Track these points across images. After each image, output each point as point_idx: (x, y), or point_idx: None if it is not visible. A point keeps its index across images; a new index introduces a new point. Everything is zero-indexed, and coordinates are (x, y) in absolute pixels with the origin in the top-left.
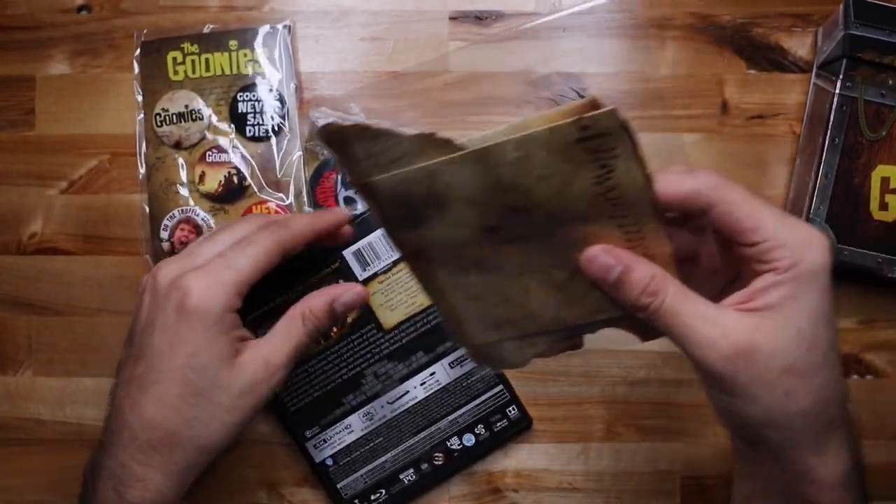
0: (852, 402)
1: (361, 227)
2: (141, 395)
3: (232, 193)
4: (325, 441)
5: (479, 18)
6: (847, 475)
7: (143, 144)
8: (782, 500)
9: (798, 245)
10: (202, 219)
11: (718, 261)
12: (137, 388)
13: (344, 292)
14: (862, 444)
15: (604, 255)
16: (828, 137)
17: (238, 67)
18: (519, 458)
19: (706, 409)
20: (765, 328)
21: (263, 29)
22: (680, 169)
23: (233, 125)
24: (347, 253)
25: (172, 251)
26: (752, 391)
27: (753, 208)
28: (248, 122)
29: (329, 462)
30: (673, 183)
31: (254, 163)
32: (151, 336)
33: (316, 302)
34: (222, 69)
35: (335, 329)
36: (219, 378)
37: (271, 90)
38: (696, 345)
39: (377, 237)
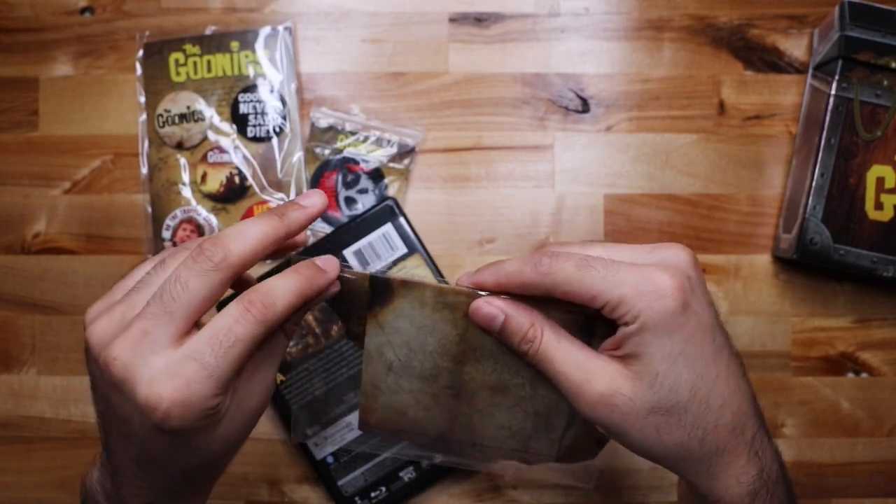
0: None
1: (362, 226)
2: (139, 469)
3: (233, 193)
4: (325, 439)
5: (479, 20)
6: (752, 496)
7: (146, 145)
8: None
9: (633, 299)
10: (204, 218)
11: None
12: (141, 484)
13: (311, 285)
14: (776, 468)
15: (486, 306)
16: (823, 138)
17: (239, 69)
18: None
19: None
20: (627, 374)
21: (264, 31)
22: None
23: (234, 126)
24: (348, 252)
25: None
26: (621, 430)
27: (584, 279)
28: (250, 123)
29: (330, 459)
30: (507, 278)
31: (255, 163)
32: (120, 441)
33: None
34: (224, 70)
35: (336, 327)
36: (211, 453)
37: (272, 91)
38: (568, 390)
39: (377, 237)
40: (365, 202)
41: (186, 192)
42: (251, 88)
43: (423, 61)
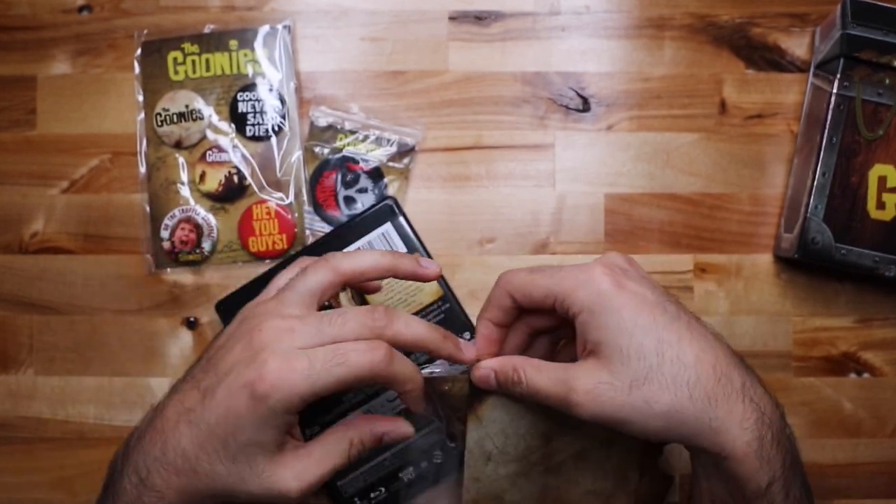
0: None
1: (361, 226)
2: (186, 427)
3: (232, 193)
4: None
5: (479, 18)
6: (759, 441)
7: (144, 144)
8: (722, 489)
9: (574, 291)
10: (202, 218)
11: None
12: (186, 419)
13: (394, 429)
14: (778, 417)
15: (479, 371)
16: (825, 137)
17: (238, 67)
18: None
19: None
20: (599, 363)
21: (263, 29)
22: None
23: (233, 125)
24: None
25: (173, 250)
26: (620, 417)
27: (535, 279)
28: (249, 122)
29: None
30: (486, 314)
31: (254, 162)
32: (217, 385)
33: (368, 433)
34: (223, 69)
35: None
36: (255, 463)
37: (271, 90)
38: (561, 405)
39: (377, 236)
40: (364, 201)
41: (185, 191)
42: (250, 87)
43: (423, 60)
